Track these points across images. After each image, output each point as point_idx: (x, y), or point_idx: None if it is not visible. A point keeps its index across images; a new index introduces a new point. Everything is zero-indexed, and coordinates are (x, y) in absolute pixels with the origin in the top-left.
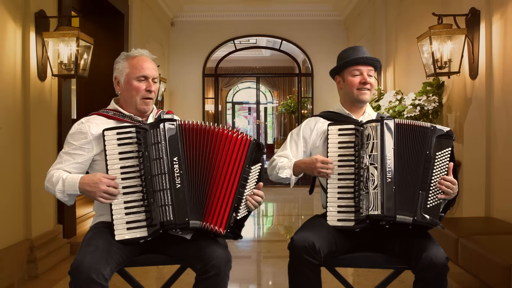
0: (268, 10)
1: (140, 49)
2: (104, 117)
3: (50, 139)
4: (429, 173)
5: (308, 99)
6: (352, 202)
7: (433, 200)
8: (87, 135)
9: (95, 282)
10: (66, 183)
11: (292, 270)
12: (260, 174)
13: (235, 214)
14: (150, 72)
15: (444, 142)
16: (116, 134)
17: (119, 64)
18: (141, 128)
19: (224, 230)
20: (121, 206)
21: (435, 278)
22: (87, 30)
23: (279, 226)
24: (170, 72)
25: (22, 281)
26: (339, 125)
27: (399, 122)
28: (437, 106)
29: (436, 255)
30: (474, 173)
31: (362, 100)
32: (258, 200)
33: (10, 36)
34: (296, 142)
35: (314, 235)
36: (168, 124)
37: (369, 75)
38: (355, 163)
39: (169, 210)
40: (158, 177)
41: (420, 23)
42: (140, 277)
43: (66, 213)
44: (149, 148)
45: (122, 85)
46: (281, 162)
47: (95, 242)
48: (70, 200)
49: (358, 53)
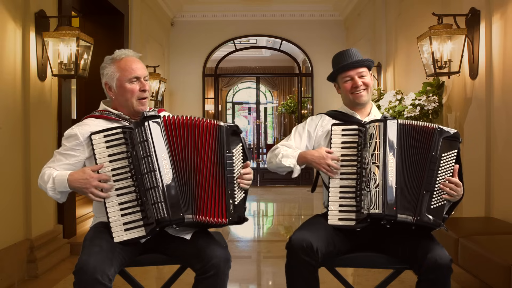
0: (268, 10)
1: (123, 50)
2: (92, 118)
3: (50, 139)
4: (434, 174)
5: (308, 99)
6: (354, 202)
7: (437, 201)
8: (77, 136)
9: (100, 283)
10: (56, 180)
11: (289, 270)
12: (244, 153)
13: (231, 200)
14: (141, 72)
15: (451, 144)
16: (103, 136)
17: (106, 69)
18: (127, 128)
19: (227, 220)
20: (116, 208)
21: (439, 280)
22: (87, 30)
23: (279, 226)
24: (170, 72)
25: (22, 281)
26: (342, 126)
27: (403, 123)
28: (437, 106)
29: (440, 256)
30: (474, 173)
31: (360, 102)
32: (248, 178)
33: (10, 36)
34: (300, 135)
35: (312, 235)
36: (152, 121)
37: (360, 77)
38: (357, 163)
39: (162, 207)
40: (148, 175)
41: (420, 23)
42: (140, 277)
43: (66, 213)
44: (137, 147)
45: (114, 90)
46: (285, 151)
47: (99, 243)
48: (62, 197)
49: (345, 58)
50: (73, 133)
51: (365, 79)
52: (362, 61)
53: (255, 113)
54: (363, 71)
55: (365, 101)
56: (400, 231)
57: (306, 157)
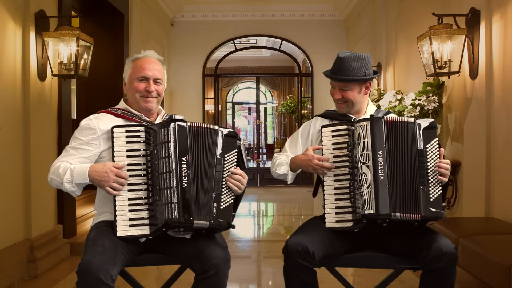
0: (268, 10)
1: (148, 51)
2: (112, 115)
3: (50, 139)
4: (425, 167)
5: (308, 99)
6: (349, 203)
7: (434, 192)
8: (95, 131)
9: (103, 283)
10: (75, 172)
11: (287, 274)
12: (238, 160)
13: (216, 204)
14: (151, 73)
15: (430, 134)
16: (125, 131)
17: (126, 65)
18: (150, 128)
19: (208, 222)
20: (125, 202)
21: (446, 268)
22: (87, 30)
23: (279, 226)
24: (170, 72)
25: (22, 281)
26: (332, 127)
27: (389, 120)
28: (437, 106)
29: (445, 245)
30: (474, 173)
31: (340, 112)
32: (237, 179)
33: (10, 36)
34: (295, 143)
35: (307, 239)
36: (179, 124)
37: (342, 90)
38: (349, 163)
39: (174, 208)
40: (165, 175)
41: (420, 23)
42: (140, 277)
43: (66, 213)
44: (158, 147)
45: (127, 85)
46: (279, 159)
47: (101, 242)
48: (77, 190)
49: (336, 67)
50: (92, 126)
51: (347, 94)
52: (346, 79)
53: (255, 113)
54: (345, 86)
55: (345, 112)
56: (399, 228)
57: (296, 162)
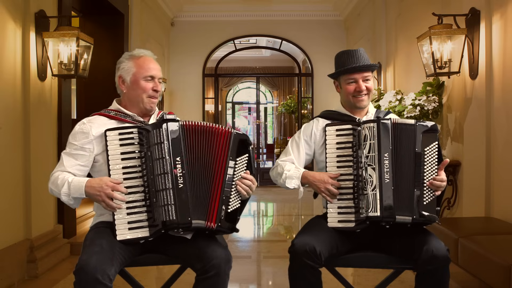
0: (268, 10)
1: (142, 50)
2: (105, 117)
3: (50, 139)
4: (421, 170)
5: (308, 99)
6: (352, 203)
7: (428, 196)
8: (88, 135)
9: (101, 283)
10: (72, 186)
11: (292, 274)
12: (248, 165)
13: (224, 207)
14: (156, 72)
15: (430, 137)
16: (118, 134)
17: (123, 63)
18: (143, 129)
19: (215, 224)
20: (123, 206)
21: (437, 270)
22: (87, 30)
23: (279, 226)
24: (170, 72)
25: (22, 281)
26: (336, 126)
27: (395, 122)
28: (437, 106)
29: (437, 247)
30: (474, 173)
31: (360, 106)
32: (247, 184)
33: (10, 36)
34: (297, 146)
35: (314, 239)
36: (171, 124)
37: (365, 80)
38: (353, 163)
39: (171, 209)
40: (161, 177)
41: (420, 23)
42: (140, 277)
43: (66, 213)
44: (152, 148)
45: (128, 84)
46: (288, 171)
47: (99, 242)
48: (75, 203)
49: (353, 60)
50: (85, 130)
51: (368, 84)
52: (369, 65)
53: (255, 113)
54: (368, 75)
55: (365, 106)
56: (397, 229)
57: (308, 178)
